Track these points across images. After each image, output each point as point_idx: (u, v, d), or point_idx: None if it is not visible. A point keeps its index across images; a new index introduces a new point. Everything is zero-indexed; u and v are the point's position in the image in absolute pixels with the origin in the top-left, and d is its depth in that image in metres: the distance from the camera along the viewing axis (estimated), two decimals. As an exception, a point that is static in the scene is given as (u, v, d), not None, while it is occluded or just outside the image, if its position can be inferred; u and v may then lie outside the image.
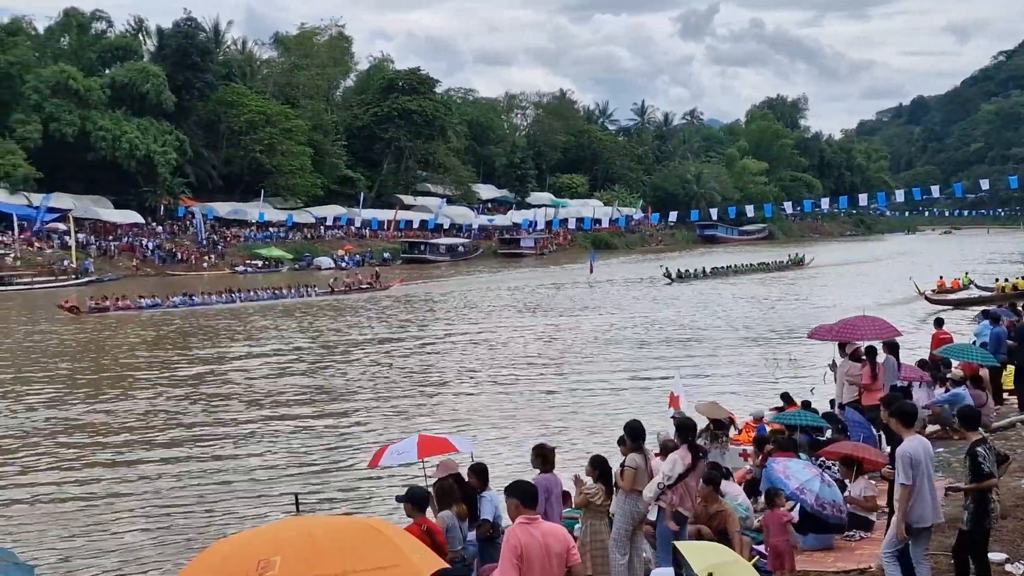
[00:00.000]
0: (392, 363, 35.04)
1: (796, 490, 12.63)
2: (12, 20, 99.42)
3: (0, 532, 15.88)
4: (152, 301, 55.63)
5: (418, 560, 6.54)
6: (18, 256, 76.48)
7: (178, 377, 32.01)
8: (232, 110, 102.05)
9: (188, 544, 15.47)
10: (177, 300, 56.63)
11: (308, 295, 62.71)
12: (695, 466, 11.23)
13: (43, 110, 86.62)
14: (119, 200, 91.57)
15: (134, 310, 53.91)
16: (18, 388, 30.17)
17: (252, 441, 22.70)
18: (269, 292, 61.72)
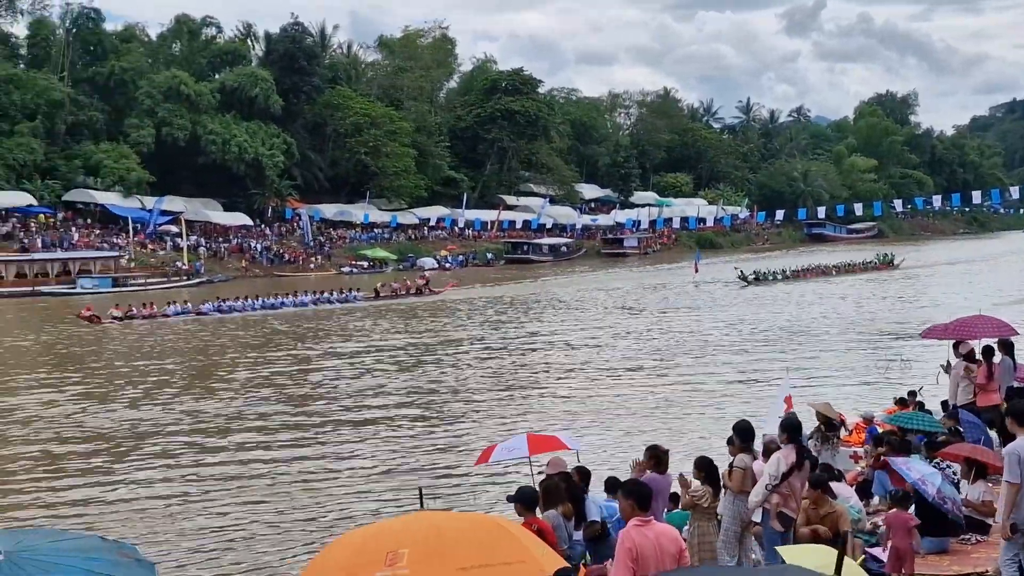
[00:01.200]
0: (491, 363, 35.05)
1: (918, 480, 12.25)
2: (126, 27, 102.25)
3: (123, 529, 16.16)
4: (179, 308, 53.95)
5: (541, 557, 6.54)
6: (132, 258, 78.37)
7: (280, 377, 32.39)
8: (338, 113, 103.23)
9: (307, 537, 15.59)
10: (207, 307, 54.60)
11: (353, 300, 60.53)
12: (800, 466, 10.95)
13: (156, 115, 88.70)
14: (229, 203, 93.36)
15: (160, 319, 51.85)
16: (126, 389, 30.84)
17: (360, 439, 22.88)
18: (312, 296, 59.70)
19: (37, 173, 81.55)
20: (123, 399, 28.61)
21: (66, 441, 23.20)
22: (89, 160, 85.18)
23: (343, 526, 15.45)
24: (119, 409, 27.05)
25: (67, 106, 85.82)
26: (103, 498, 18.64)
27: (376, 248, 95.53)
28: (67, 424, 25.09)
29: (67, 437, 23.63)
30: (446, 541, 6.37)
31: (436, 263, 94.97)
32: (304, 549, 14.93)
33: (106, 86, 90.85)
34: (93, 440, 23.31)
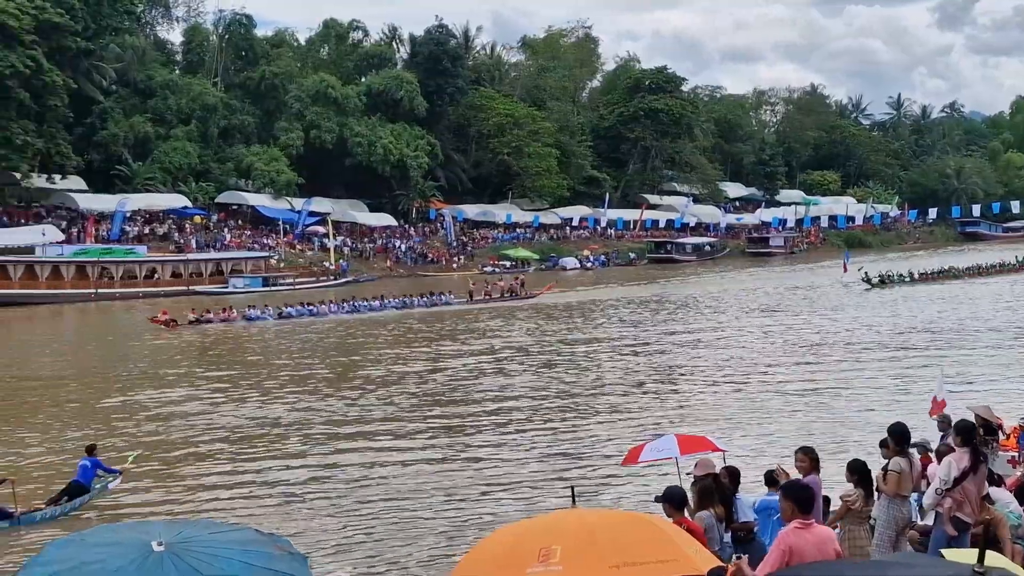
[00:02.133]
0: (628, 362, 34.78)
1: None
2: (276, 33, 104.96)
3: (273, 522, 16.44)
4: (258, 312, 52.37)
5: (694, 555, 6.44)
6: (282, 258, 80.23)
7: (412, 377, 32.64)
8: (481, 114, 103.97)
9: (458, 534, 15.62)
10: (293, 311, 53.42)
11: (443, 303, 58.83)
12: (975, 469, 10.49)
13: (304, 118, 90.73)
14: (374, 204, 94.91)
15: (241, 322, 50.61)
16: (260, 386, 31.49)
17: (507, 438, 22.89)
18: (398, 300, 57.64)
19: (192, 176, 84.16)
20: (259, 397, 29.17)
21: (214, 437, 23.74)
22: (241, 163, 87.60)
23: (495, 523, 15.41)
24: (259, 406, 27.57)
25: (220, 110, 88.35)
26: (253, 492, 19.01)
27: (518, 248, 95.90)
28: (211, 421, 25.70)
29: (214, 433, 24.20)
30: (599, 538, 6.36)
31: (578, 263, 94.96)
32: (454, 546, 14.94)
33: (257, 90, 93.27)
34: (239, 436, 23.81)
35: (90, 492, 18.19)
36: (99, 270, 66.52)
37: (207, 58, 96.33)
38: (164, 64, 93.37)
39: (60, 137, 72.16)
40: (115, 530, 7.54)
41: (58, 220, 73.33)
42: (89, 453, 18.66)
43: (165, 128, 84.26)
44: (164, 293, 65.16)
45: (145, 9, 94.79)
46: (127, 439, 23.21)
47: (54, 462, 20.94)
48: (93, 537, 7.00)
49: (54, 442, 23.34)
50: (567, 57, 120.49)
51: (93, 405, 28.44)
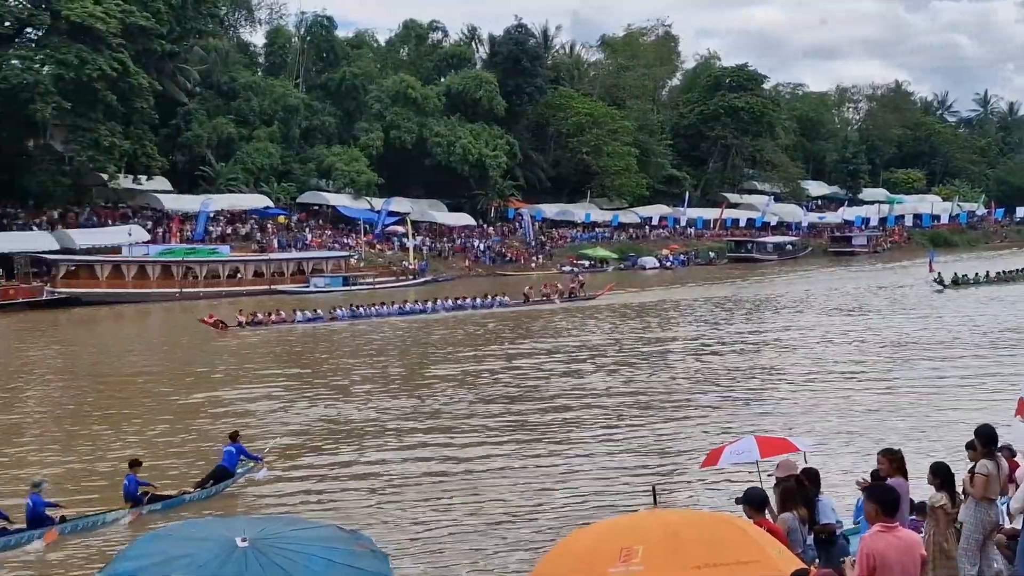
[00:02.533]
0: (707, 363, 34.45)
1: None
2: (357, 34, 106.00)
3: (358, 520, 16.54)
4: (309, 315, 51.15)
5: (777, 557, 6.37)
6: (362, 258, 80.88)
7: (486, 377, 32.66)
8: (560, 113, 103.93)
9: (539, 533, 15.58)
10: (341, 313, 52.09)
11: (498, 305, 57.17)
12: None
13: (384, 118, 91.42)
14: (453, 203, 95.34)
15: (289, 324, 49.58)
16: (336, 386, 31.71)
17: (587, 438, 22.82)
18: (451, 303, 56.39)
19: (274, 176, 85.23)
20: (332, 395, 29.38)
21: (293, 433, 23.96)
22: (322, 163, 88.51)
23: (574, 523, 15.34)
24: (333, 404, 27.77)
25: (301, 111, 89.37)
26: (334, 489, 19.15)
27: (597, 247, 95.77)
28: (288, 418, 25.94)
29: (292, 430, 24.43)
30: (681, 539, 6.37)
31: (657, 262, 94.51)
32: (534, 546, 14.90)
33: (337, 91, 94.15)
34: (316, 433, 24.02)
35: (234, 476, 19.10)
36: (183, 270, 67.63)
37: (289, 60, 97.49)
38: (247, 66, 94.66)
39: (146, 139, 73.45)
40: (201, 525, 7.67)
41: (144, 220, 74.74)
42: (232, 439, 19.65)
43: (248, 129, 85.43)
44: (247, 292, 66.01)
45: (228, 12, 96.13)
46: (204, 434, 23.54)
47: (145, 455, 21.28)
48: (179, 532, 7.13)
49: (138, 436, 23.75)
50: (647, 55, 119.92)
51: (176, 401, 28.89)
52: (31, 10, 68.56)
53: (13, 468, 20.89)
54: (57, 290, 61.85)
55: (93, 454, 22.16)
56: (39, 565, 15.53)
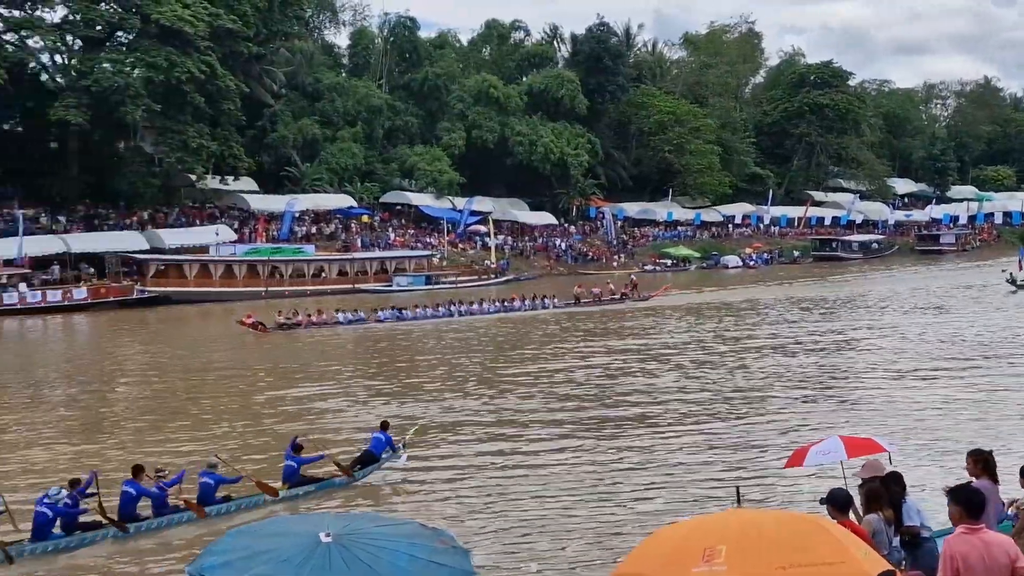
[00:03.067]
0: (790, 362, 34.06)
1: None
2: (439, 35, 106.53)
3: (439, 517, 16.68)
4: (351, 316, 50.04)
5: (863, 559, 6.33)
6: (444, 257, 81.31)
7: (560, 376, 32.64)
8: (642, 111, 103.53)
9: (621, 533, 15.57)
10: (385, 315, 51.04)
11: (545, 307, 55.99)
12: None
13: (466, 118, 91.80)
14: (534, 202, 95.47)
15: (330, 326, 48.55)
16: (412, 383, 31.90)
17: (670, 437, 22.71)
18: (497, 305, 55.61)
19: (357, 176, 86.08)
20: (405, 393, 29.58)
21: (370, 430, 24.16)
22: (404, 163, 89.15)
23: (656, 523, 15.30)
24: (406, 403, 27.96)
25: (385, 112, 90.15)
26: (416, 486, 19.31)
27: (679, 246, 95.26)
28: (363, 416, 26.18)
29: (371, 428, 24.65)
30: (765, 539, 6.34)
31: (740, 261, 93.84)
32: (615, 545, 14.89)
33: (420, 91, 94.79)
34: (393, 431, 24.23)
35: (379, 462, 19.98)
36: (269, 269, 68.59)
37: (372, 61, 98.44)
38: (331, 67, 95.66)
39: (233, 140, 74.62)
40: (287, 521, 7.84)
41: (231, 220, 76.00)
42: (383, 428, 20.65)
43: (332, 130, 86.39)
44: (331, 291, 66.77)
45: (313, 14, 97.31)
46: (272, 430, 23.87)
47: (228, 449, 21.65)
48: (264, 528, 7.31)
49: (226, 431, 24.17)
50: (730, 53, 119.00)
51: (257, 397, 29.30)
52: (122, 14, 70.00)
53: (116, 456, 21.38)
54: (147, 289, 63.20)
55: (194, 444, 22.58)
56: (135, 553, 15.87)
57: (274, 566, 6.40)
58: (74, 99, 66.36)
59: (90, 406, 29.17)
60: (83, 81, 67.24)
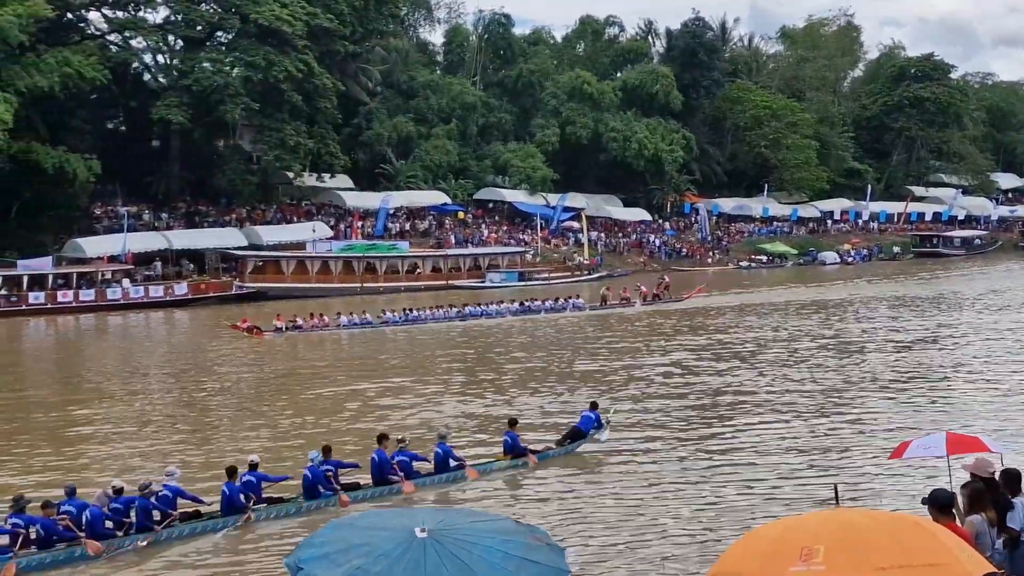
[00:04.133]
0: (890, 359, 33.42)
1: None
2: (534, 31, 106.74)
3: (531, 512, 16.67)
4: (353, 319, 48.09)
5: (967, 560, 6.20)
6: (537, 253, 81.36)
7: (640, 375, 32.40)
8: (737, 106, 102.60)
9: (715, 531, 15.41)
10: (390, 317, 48.89)
11: (571, 309, 53.45)
12: None
13: (560, 114, 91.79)
14: (628, 198, 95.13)
15: (331, 329, 46.77)
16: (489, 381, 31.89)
17: (758, 434, 22.43)
18: (517, 306, 53.22)
19: (451, 173, 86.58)
20: (489, 393, 29.60)
21: (460, 428, 24.26)
22: (498, 160, 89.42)
23: (752, 521, 15.13)
24: (487, 400, 27.99)
25: (479, 109, 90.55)
26: (509, 481, 19.32)
27: (776, 242, 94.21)
28: (425, 414, 26.29)
29: (458, 424, 24.73)
30: (864, 539, 6.26)
31: (838, 257, 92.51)
32: (710, 544, 14.72)
33: (514, 88, 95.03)
34: (472, 428, 24.27)
35: (586, 437, 21.66)
36: (364, 265, 69.25)
37: (467, 58, 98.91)
38: (426, 65, 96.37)
39: (329, 138, 75.56)
40: (382, 515, 7.89)
41: (327, 217, 76.95)
42: (592, 408, 22.48)
43: (426, 127, 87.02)
44: (425, 288, 67.28)
45: (409, 12, 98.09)
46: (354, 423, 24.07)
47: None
48: (361, 521, 7.36)
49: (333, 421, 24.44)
50: (828, 47, 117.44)
51: (354, 391, 29.60)
52: (222, 14, 71.31)
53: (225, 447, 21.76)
54: (245, 284, 64.26)
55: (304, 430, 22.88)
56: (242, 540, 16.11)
57: (370, 560, 6.47)
58: (175, 98, 67.81)
59: (201, 398, 29.71)
60: (184, 80, 68.73)
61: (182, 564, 15.40)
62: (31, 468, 20.96)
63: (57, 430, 25.05)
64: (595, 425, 21.84)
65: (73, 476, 18.88)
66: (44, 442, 23.61)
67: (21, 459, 21.89)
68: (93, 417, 26.80)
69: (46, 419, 26.61)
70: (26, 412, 27.87)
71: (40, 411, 27.87)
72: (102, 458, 21.85)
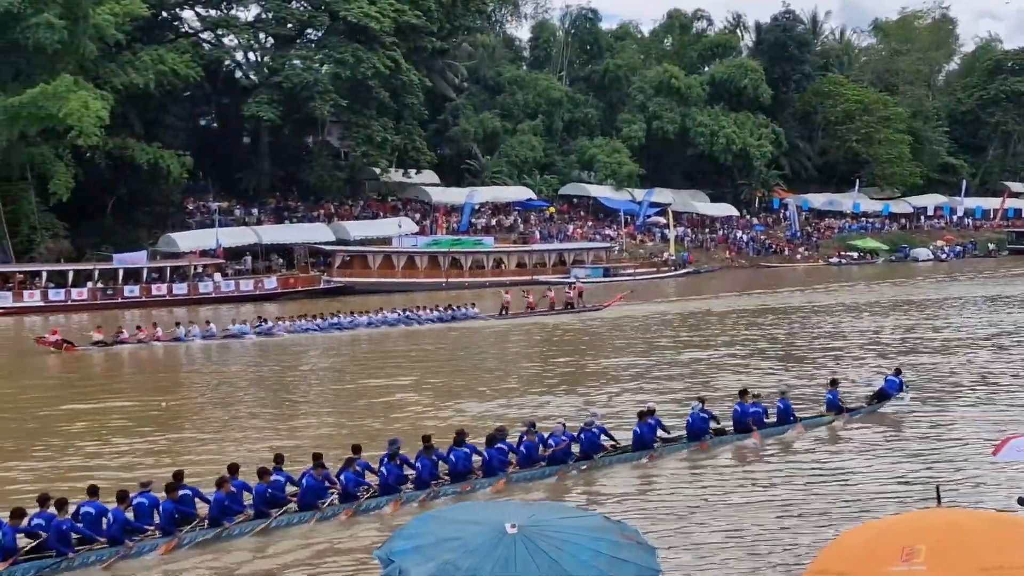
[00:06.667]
0: (995, 357, 32.63)
1: None
2: (620, 26, 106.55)
3: (621, 509, 16.53)
4: (199, 332, 41.43)
5: None
6: (623, 249, 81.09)
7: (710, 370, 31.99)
8: (828, 100, 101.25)
9: (812, 530, 15.12)
10: (243, 329, 42.63)
11: (463, 317, 47.92)
12: None
13: (647, 109, 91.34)
14: (715, 193, 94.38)
15: (165, 342, 40.38)
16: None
17: (862, 430, 22.03)
18: (395, 315, 47.04)
19: (536, 168, 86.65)
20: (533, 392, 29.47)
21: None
22: (584, 155, 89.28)
23: (852, 519, 14.81)
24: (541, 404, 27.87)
25: (565, 104, 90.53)
26: (596, 479, 19.19)
27: (867, 238, 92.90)
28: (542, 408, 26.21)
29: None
30: (966, 539, 6.20)
31: (931, 254, 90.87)
32: (807, 542, 14.44)
33: (600, 83, 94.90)
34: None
35: (891, 399, 23.69)
36: (450, 260, 69.59)
37: (553, 53, 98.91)
38: (512, 61, 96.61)
39: (416, 133, 76.08)
40: (473, 509, 7.88)
41: (412, 212, 77.46)
42: (896, 373, 24.59)
43: (512, 123, 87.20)
44: (510, 283, 67.33)
45: (495, 8, 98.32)
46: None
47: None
48: (452, 515, 7.37)
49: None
50: (921, 39, 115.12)
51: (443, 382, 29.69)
52: (311, 12, 72.24)
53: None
54: (333, 279, 64.94)
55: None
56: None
57: (461, 554, 6.48)
58: (266, 95, 68.82)
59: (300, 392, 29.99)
60: (274, 78, 69.74)
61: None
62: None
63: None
64: (898, 388, 23.88)
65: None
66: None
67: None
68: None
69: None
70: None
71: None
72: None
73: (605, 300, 52.78)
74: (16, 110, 55.08)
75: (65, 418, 25.87)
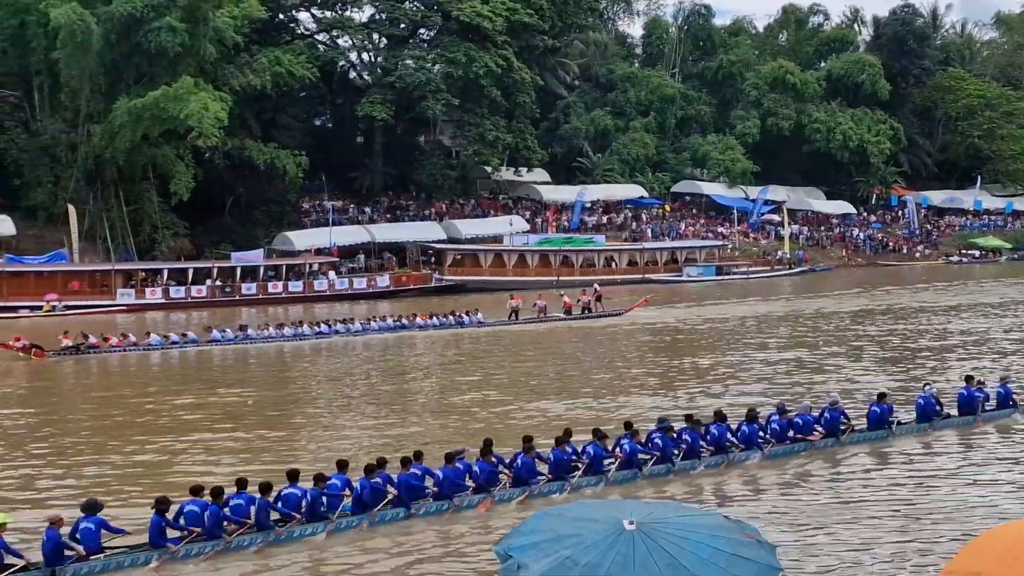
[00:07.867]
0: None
1: None
2: (734, 22, 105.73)
3: (741, 507, 16.30)
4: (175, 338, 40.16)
5: None
6: (736, 247, 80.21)
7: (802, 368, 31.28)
8: (949, 95, 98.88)
9: (942, 530, 14.74)
10: (222, 336, 40.72)
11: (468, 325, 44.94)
12: None
13: (761, 105, 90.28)
14: (831, 191, 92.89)
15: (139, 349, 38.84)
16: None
17: (992, 433, 21.41)
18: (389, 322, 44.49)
19: (648, 166, 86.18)
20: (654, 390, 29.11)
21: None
22: (696, 152, 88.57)
23: (990, 520, 14.36)
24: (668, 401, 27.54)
25: (677, 101, 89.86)
26: (716, 477, 18.94)
27: (989, 237, 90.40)
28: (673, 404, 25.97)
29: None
30: None
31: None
32: (941, 544, 14.04)
33: (714, 80, 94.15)
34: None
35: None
36: (560, 258, 69.59)
37: (666, 50, 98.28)
38: (624, 58, 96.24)
39: (527, 132, 76.29)
40: (592, 507, 7.85)
41: (523, 211, 77.60)
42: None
43: (624, 120, 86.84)
44: (621, 281, 67.06)
45: (607, 5, 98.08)
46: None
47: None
48: (570, 512, 7.34)
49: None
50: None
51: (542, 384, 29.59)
52: (424, 12, 72.99)
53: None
54: (444, 277, 65.49)
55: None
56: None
57: (579, 551, 6.47)
58: (380, 95, 69.67)
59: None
60: (388, 78, 70.60)
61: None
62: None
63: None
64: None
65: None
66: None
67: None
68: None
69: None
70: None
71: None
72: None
73: (627, 305, 49.90)
74: (139, 112, 56.68)
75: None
